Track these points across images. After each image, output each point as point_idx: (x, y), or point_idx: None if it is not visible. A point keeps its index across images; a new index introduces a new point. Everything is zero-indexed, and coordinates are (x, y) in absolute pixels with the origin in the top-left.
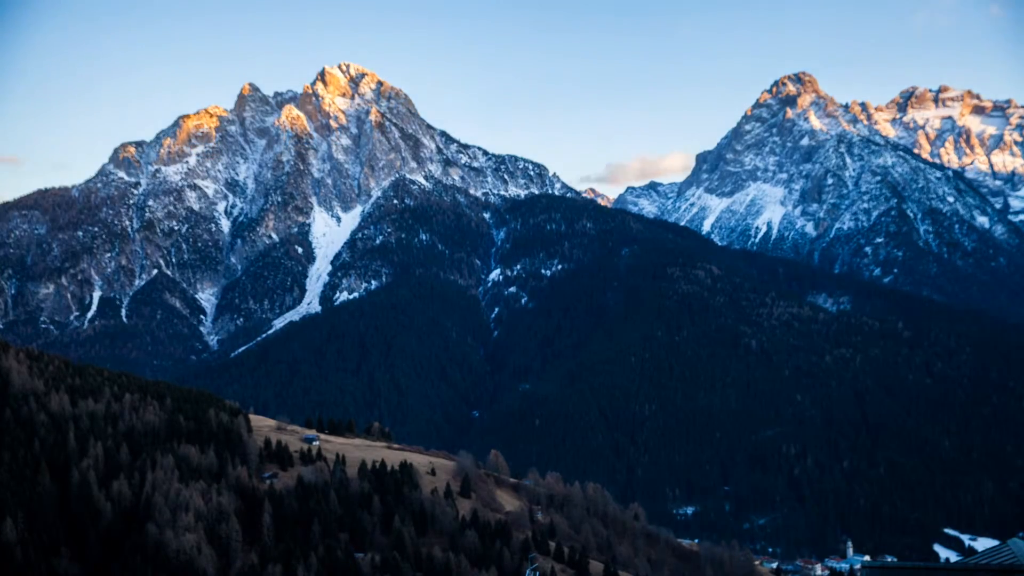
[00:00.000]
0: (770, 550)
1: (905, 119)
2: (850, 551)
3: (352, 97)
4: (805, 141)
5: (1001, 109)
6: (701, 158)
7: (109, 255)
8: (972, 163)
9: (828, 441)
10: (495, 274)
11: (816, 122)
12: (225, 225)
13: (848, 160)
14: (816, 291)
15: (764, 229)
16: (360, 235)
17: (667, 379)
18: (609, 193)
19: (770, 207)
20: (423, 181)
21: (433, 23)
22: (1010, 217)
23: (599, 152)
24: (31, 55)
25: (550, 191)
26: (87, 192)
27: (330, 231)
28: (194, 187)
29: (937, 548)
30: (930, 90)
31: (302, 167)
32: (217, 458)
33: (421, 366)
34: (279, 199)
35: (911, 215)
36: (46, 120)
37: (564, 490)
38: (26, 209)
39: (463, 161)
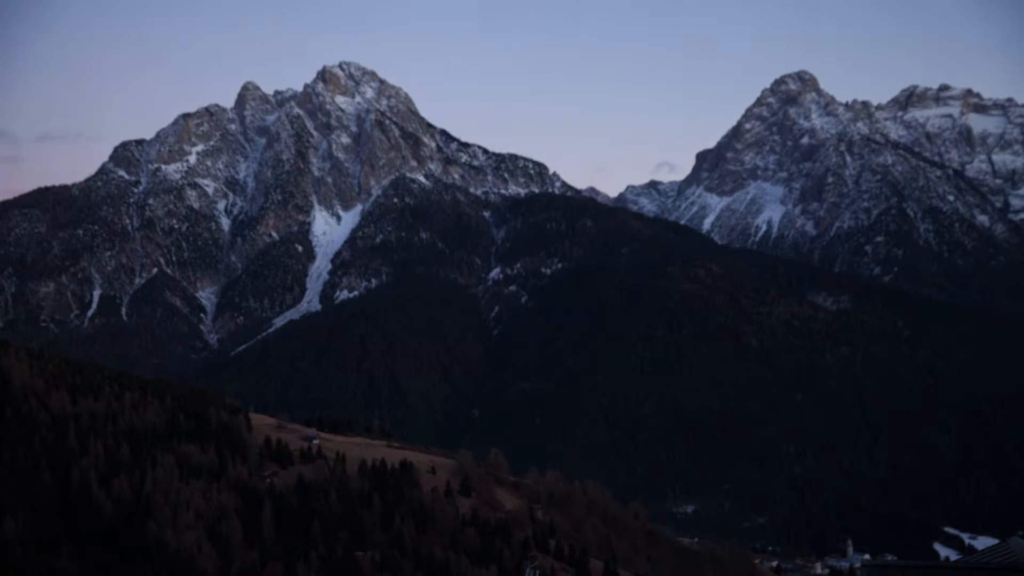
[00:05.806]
0: (770, 549)
1: (906, 118)
2: (850, 550)
3: (352, 96)
4: (805, 140)
5: (1002, 108)
6: (701, 157)
7: (109, 253)
8: (972, 162)
9: (828, 441)
10: (495, 273)
11: (816, 121)
12: (225, 223)
13: (848, 159)
14: (816, 290)
15: (764, 228)
16: (360, 234)
17: (667, 379)
18: (609, 192)
19: (770, 206)
20: (423, 180)
21: (433, 23)
22: (1010, 216)
23: (599, 151)
24: (31, 54)
25: (550, 190)
26: (87, 190)
27: (330, 229)
28: (194, 185)
29: (937, 547)
30: (931, 89)
31: (302, 166)
32: (217, 456)
33: (421, 365)
34: (279, 198)
35: (911, 214)
36: (46, 119)
37: (564, 489)
38: (26, 207)
39: (463, 160)
